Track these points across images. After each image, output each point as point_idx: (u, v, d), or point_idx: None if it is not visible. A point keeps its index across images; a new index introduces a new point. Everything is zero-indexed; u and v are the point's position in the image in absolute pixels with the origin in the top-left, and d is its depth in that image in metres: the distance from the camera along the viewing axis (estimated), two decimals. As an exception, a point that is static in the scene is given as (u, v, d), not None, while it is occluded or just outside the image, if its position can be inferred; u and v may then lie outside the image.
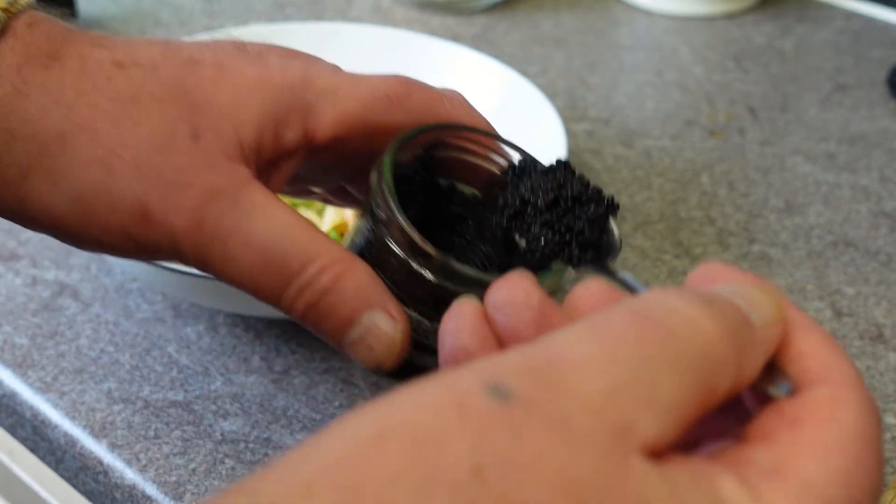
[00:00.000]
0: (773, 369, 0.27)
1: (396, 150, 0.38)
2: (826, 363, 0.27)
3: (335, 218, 0.62)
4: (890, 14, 0.95)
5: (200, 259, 0.38)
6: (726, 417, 0.27)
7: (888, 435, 0.54)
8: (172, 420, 0.53)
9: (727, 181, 0.73)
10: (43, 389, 0.54)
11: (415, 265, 0.37)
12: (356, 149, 0.41)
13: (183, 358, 0.56)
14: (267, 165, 0.39)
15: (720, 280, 0.29)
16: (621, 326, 0.25)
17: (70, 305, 0.60)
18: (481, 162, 0.41)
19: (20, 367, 0.56)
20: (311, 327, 0.38)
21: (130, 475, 0.50)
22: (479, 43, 0.88)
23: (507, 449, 0.22)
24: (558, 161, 0.39)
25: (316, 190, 0.47)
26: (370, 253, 0.38)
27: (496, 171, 0.41)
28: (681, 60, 0.88)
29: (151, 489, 0.49)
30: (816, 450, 0.25)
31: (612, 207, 0.38)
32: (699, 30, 0.93)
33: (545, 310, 0.29)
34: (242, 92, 0.38)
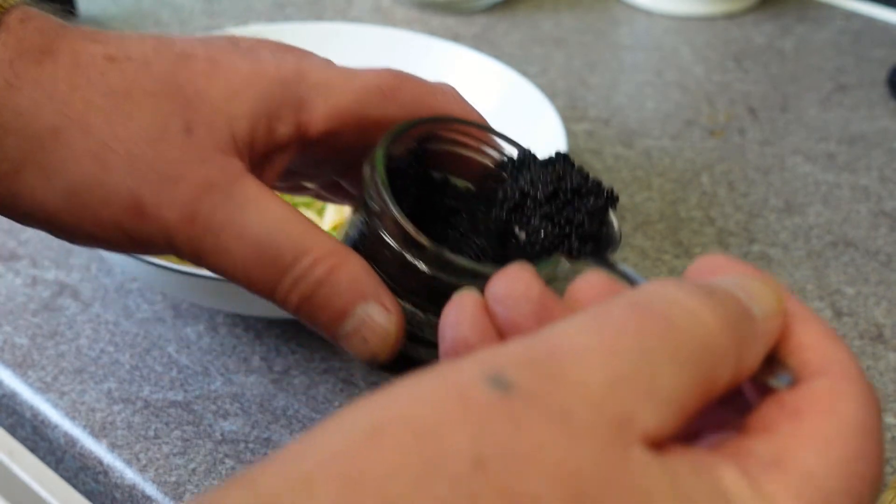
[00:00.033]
0: (774, 361, 0.27)
1: (389, 143, 0.38)
2: (826, 355, 0.27)
3: (335, 217, 0.62)
4: (890, 14, 0.95)
5: (194, 252, 0.38)
6: (727, 409, 0.27)
7: (888, 435, 0.54)
8: (172, 420, 0.52)
9: (727, 181, 0.73)
10: (43, 389, 0.54)
11: (408, 256, 0.37)
12: (349, 143, 0.41)
13: (183, 358, 0.56)
14: (260, 160, 0.39)
15: (720, 272, 0.29)
16: (621, 318, 0.25)
17: (70, 305, 0.60)
18: (474, 155, 0.41)
19: (20, 367, 0.55)
20: (306, 320, 0.38)
21: (130, 475, 0.50)
22: (479, 43, 0.88)
23: (508, 441, 0.22)
24: (557, 153, 0.39)
25: (309, 185, 0.47)
26: (364, 245, 0.38)
27: (489, 164, 0.41)
28: (681, 60, 0.88)
29: (151, 489, 0.49)
30: (817, 441, 0.25)
31: (612, 200, 0.38)
32: (699, 30, 0.93)
33: (545, 302, 0.29)
34: (235, 86, 0.38)
